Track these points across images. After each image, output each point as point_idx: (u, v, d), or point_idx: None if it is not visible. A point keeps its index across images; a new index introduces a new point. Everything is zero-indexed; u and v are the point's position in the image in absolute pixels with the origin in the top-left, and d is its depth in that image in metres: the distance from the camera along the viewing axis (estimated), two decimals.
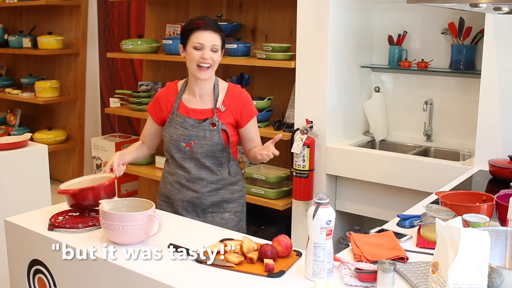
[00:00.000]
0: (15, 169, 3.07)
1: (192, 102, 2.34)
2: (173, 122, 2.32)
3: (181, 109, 2.33)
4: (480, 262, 1.29)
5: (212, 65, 2.26)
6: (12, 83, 5.93)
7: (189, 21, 2.30)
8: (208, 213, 2.38)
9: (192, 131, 2.29)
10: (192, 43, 2.23)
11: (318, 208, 1.54)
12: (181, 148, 2.31)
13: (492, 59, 2.82)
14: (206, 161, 2.32)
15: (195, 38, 2.22)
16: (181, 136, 2.30)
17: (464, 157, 3.02)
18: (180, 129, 2.30)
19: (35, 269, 1.95)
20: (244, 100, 2.37)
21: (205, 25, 2.22)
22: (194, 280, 1.57)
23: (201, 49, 2.23)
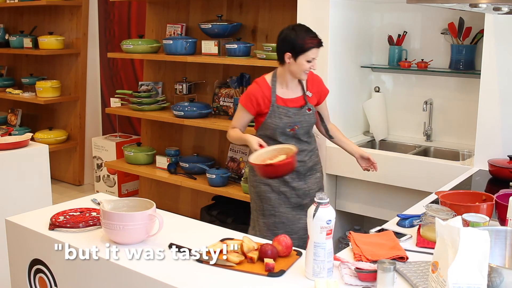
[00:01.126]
0: (16, 169, 3.07)
1: (286, 93, 2.72)
2: (276, 113, 2.69)
3: (279, 101, 2.70)
4: (479, 262, 1.29)
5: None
6: (13, 83, 5.94)
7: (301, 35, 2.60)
8: (307, 176, 2.81)
9: (295, 118, 2.70)
10: (308, 57, 2.60)
11: (318, 207, 1.55)
12: (286, 132, 2.72)
13: (492, 59, 2.83)
14: (304, 137, 2.78)
15: (311, 54, 2.61)
16: (287, 124, 2.70)
17: (464, 157, 3.03)
18: (284, 118, 2.69)
19: (36, 268, 1.96)
20: (320, 81, 2.84)
21: (318, 44, 2.62)
22: (195, 280, 1.58)
23: (311, 62, 2.62)
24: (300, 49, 2.59)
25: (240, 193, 3.79)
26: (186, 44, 4.11)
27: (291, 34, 2.61)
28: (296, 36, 2.60)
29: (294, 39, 2.60)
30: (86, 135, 5.57)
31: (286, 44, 2.62)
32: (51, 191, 3.26)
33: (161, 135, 4.77)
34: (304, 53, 2.59)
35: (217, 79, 4.37)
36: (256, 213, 2.85)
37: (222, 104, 4.25)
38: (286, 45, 2.62)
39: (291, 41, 2.60)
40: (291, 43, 2.60)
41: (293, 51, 2.60)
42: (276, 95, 2.70)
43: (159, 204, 2.02)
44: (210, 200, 4.28)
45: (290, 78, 2.70)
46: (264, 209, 2.80)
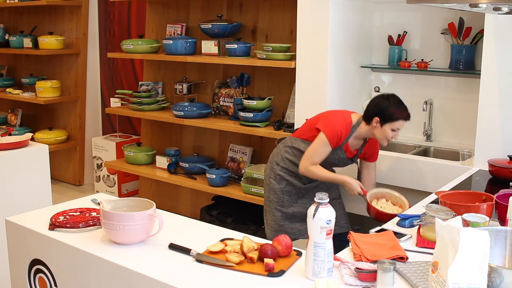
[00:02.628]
0: (16, 169, 3.07)
1: (352, 143, 2.87)
2: (335, 153, 2.85)
3: (345, 146, 2.85)
4: (479, 262, 1.29)
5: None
6: (13, 83, 5.94)
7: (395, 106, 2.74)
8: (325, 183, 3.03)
9: (339, 164, 2.94)
10: (393, 126, 2.73)
11: (318, 207, 1.55)
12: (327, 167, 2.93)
13: (491, 59, 2.83)
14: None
15: (398, 125, 2.73)
16: (332, 164, 2.93)
17: (464, 157, 3.02)
18: (336, 160, 2.89)
19: (36, 268, 1.96)
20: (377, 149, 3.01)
21: (408, 117, 2.75)
22: (194, 280, 1.58)
23: (395, 131, 2.76)
24: (389, 117, 2.72)
25: (240, 193, 3.79)
26: (186, 44, 4.11)
27: (384, 102, 2.75)
28: (388, 105, 2.74)
29: (387, 107, 2.73)
30: (86, 135, 5.57)
31: (377, 109, 2.75)
32: (51, 191, 3.26)
33: (161, 135, 4.77)
34: (392, 122, 2.72)
35: (217, 79, 4.37)
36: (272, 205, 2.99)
37: (222, 104, 4.25)
38: (377, 110, 2.75)
39: (383, 108, 2.74)
40: (382, 110, 2.74)
41: (382, 118, 2.73)
42: (347, 142, 2.85)
43: (159, 204, 2.03)
44: (210, 200, 4.28)
45: (363, 135, 2.84)
46: (284, 200, 2.97)
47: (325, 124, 2.81)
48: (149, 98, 4.42)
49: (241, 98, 3.91)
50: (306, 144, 2.89)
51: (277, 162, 2.98)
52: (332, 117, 2.85)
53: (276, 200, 2.98)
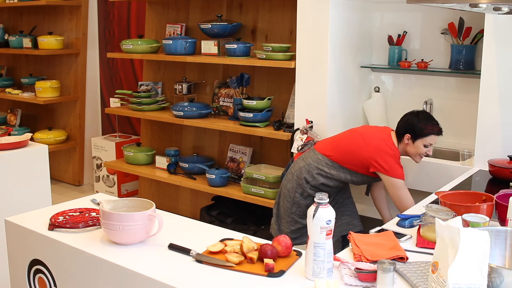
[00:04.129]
0: (15, 169, 3.07)
1: None
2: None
3: None
4: (479, 262, 1.29)
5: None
6: (13, 83, 5.94)
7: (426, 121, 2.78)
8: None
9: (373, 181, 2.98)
10: (425, 142, 2.76)
11: (318, 208, 1.55)
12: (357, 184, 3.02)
13: (491, 59, 2.83)
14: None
15: (430, 140, 2.75)
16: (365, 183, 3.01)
17: (464, 157, 3.02)
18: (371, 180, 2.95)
19: (36, 269, 1.96)
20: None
21: (439, 132, 2.78)
22: (194, 280, 1.58)
23: (428, 147, 2.77)
24: (420, 133, 2.75)
25: (240, 193, 3.79)
26: (185, 44, 4.11)
27: (414, 119, 2.78)
28: (418, 121, 2.77)
29: (417, 123, 2.76)
30: (86, 135, 5.57)
31: (408, 126, 2.78)
32: (50, 191, 3.26)
33: (160, 135, 4.77)
34: (423, 138, 2.75)
35: (217, 79, 4.37)
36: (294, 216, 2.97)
37: (222, 104, 4.25)
38: (408, 127, 2.78)
39: (413, 124, 2.77)
40: (413, 126, 2.77)
41: (413, 134, 2.76)
42: None
43: (159, 204, 2.04)
44: (209, 200, 4.28)
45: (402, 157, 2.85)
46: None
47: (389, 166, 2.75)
48: (148, 98, 4.42)
49: (241, 98, 3.91)
50: (347, 173, 2.85)
51: (308, 181, 2.89)
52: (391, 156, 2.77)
53: (299, 213, 2.93)
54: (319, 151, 2.92)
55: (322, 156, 2.89)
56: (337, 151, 2.86)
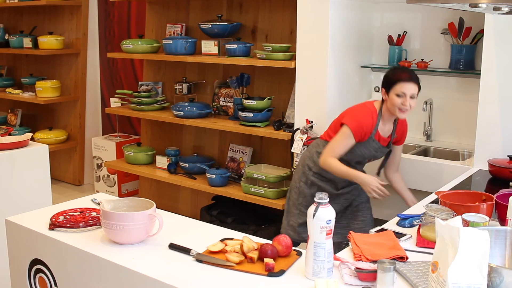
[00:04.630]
0: (16, 169, 3.07)
1: (383, 130, 2.78)
2: (369, 145, 2.75)
3: (376, 136, 2.75)
4: (479, 262, 1.29)
5: (409, 110, 2.67)
6: (13, 83, 5.94)
7: (393, 70, 2.71)
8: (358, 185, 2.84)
9: (378, 154, 2.82)
10: (396, 91, 2.63)
11: (318, 207, 1.55)
12: (363, 161, 2.86)
13: (491, 59, 2.83)
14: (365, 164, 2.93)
15: (399, 88, 2.62)
16: (370, 156, 2.81)
17: (464, 156, 3.02)
18: (372, 151, 2.78)
19: (36, 268, 1.96)
20: (406, 128, 2.90)
21: (409, 78, 2.63)
22: (194, 280, 1.58)
23: (403, 97, 2.62)
24: (390, 83, 2.67)
25: (240, 193, 3.79)
26: (186, 44, 4.11)
27: (388, 72, 2.73)
28: (390, 72, 2.71)
29: (387, 74, 2.71)
30: (86, 135, 5.57)
31: (383, 80, 2.73)
32: (51, 191, 3.26)
33: (161, 135, 4.77)
34: (393, 87, 2.65)
35: (217, 79, 4.37)
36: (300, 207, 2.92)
37: (222, 104, 4.25)
38: (383, 81, 2.72)
39: (385, 76, 2.71)
40: (385, 78, 2.71)
41: (386, 86, 2.69)
42: (377, 130, 2.75)
43: (159, 204, 2.03)
44: (210, 200, 4.28)
45: (388, 116, 2.74)
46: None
47: (350, 118, 2.72)
48: (149, 98, 4.42)
49: (241, 98, 3.91)
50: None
51: (310, 167, 2.88)
52: (356, 110, 2.77)
53: (305, 203, 2.89)
54: (320, 137, 2.96)
55: (319, 139, 2.93)
56: (327, 130, 2.89)
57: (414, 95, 2.64)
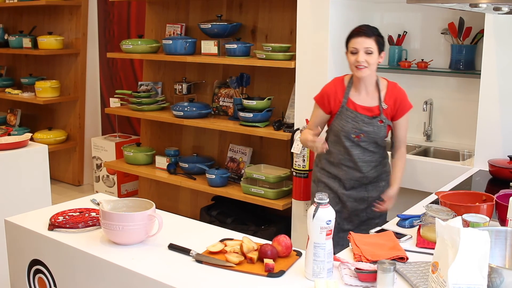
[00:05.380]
0: (15, 169, 3.07)
1: (359, 98, 2.60)
2: (343, 115, 2.59)
3: (349, 104, 2.59)
4: (480, 262, 1.29)
5: (368, 66, 2.50)
6: (12, 83, 5.94)
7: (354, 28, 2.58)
8: (369, 185, 2.70)
9: (363, 126, 2.58)
10: (349, 49, 2.54)
11: (318, 208, 1.54)
12: (351, 138, 2.61)
13: (492, 59, 2.82)
14: (370, 147, 2.63)
15: (351, 44, 2.52)
16: (353, 129, 2.59)
17: (464, 157, 3.02)
18: (351, 122, 2.58)
19: (35, 269, 1.96)
20: (401, 96, 2.63)
21: (358, 32, 2.51)
22: (194, 280, 1.57)
23: (356, 53, 2.50)
24: (346, 43, 2.57)
25: (240, 193, 3.79)
26: (185, 44, 4.11)
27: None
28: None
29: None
30: (86, 135, 5.57)
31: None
32: (50, 191, 3.25)
33: (160, 135, 4.77)
34: (347, 46, 2.55)
35: (217, 79, 4.37)
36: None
37: (222, 104, 4.25)
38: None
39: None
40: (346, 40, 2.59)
41: (346, 46, 2.58)
42: (348, 98, 2.60)
43: (159, 204, 2.03)
44: (209, 200, 4.28)
45: (358, 81, 2.58)
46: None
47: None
48: (148, 98, 4.42)
49: (241, 98, 3.91)
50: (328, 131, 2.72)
51: (316, 163, 2.81)
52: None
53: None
54: None
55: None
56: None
57: (369, 50, 2.49)
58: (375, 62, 2.52)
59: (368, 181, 2.69)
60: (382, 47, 2.55)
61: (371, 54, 2.49)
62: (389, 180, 2.71)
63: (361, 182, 2.69)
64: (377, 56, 2.52)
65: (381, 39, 2.54)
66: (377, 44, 2.52)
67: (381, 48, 2.54)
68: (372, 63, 2.51)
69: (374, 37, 2.51)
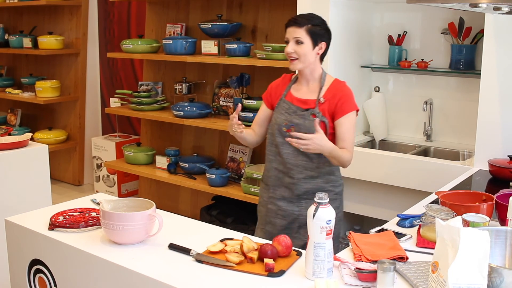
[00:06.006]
0: (15, 169, 3.07)
1: (299, 91, 2.44)
2: (280, 107, 2.44)
3: (288, 97, 2.44)
4: (480, 262, 1.29)
5: (298, 58, 2.33)
6: (13, 83, 5.94)
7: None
8: (302, 200, 2.42)
9: (294, 118, 2.38)
10: (284, 39, 2.37)
11: (318, 208, 1.55)
12: (282, 132, 2.40)
13: (492, 59, 2.82)
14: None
15: (287, 34, 2.35)
16: (284, 120, 2.40)
17: (464, 157, 3.02)
18: (284, 114, 2.41)
19: (36, 268, 1.96)
20: (343, 93, 2.37)
21: (289, 22, 2.35)
22: (194, 280, 1.58)
23: (288, 44, 2.34)
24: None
25: (240, 193, 3.79)
26: (186, 44, 4.11)
27: None
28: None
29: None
30: (86, 135, 5.57)
31: None
32: (50, 191, 3.26)
33: (160, 135, 4.77)
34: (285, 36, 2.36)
35: (217, 79, 4.37)
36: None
37: (222, 104, 4.25)
38: None
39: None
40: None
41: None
42: (289, 91, 2.45)
43: (159, 204, 2.03)
44: (210, 200, 4.28)
45: (303, 77, 2.42)
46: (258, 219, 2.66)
47: None
48: (148, 98, 4.42)
49: (241, 98, 3.91)
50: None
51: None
52: None
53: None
54: None
55: None
56: None
57: (299, 40, 2.30)
58: (306, 53, 2.30)
59: (301, 193, 2.40)
60: (318, 38, 2.32)
61: (302, 44, 2.30)
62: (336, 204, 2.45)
63: (291, 191, 2.41)
64: (310, 47, 2.31)
65: (317, 29, 2.32)
66: (310, 34, 2.30)
67: (317, 39, 2.31)
68: (303, 54, 2.30)
69: (306, 26, 2.30)
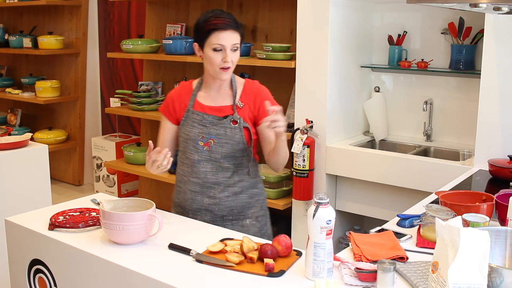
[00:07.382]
0: (15, 169, 3.07)
1: (208, 99, 2.17)
2: (189, 120, 2.16)
3: (196, 106, 2.16)
4: (480, 262, 1.29)
5: (232, 66, 2.10)
6: (13, 83, 5.94)
7: (204, 17, 2.09)
8: (227, 221, 2.18)
9: (211, 129, 2.12)
10: (212, 45, 2.05)
11: (318, 207, 1.54)
12: (199, 148, 2.13)
13: (492, 59, 2.82)
14: (225, 162, 2.13)
15: (215, 39, 2.04)
16: (200, 134, 2.13)
17: (464, 157, 3.02)
18: (198, 127, 2.14)
19: (36, 268, 1.96)
20: (262, 94, 2.19)
21: (225, 25, 2.04)
22: (194, 280, 1.58)
23: (221, 50, 2.05)
24: (203, 35, 2.06)
25: None
26: (186, 44, 4.11)
27: (199, 19, 2.09)
28: (201, 19, 2.08)
29: (198, 22, 2.09)
30: (86, 135, 5.57)
31: (194, 32, 2.12)
32: (50, 191, 3.26)
33: None
34: (207, 39, 2.04)
35: None
36: None
37: None
38: (194, 34, 2.12)
39: (196, 26, 2.09)
40: (196, 29, 2.09)
41: (198, 39, 2.09)
42: (196, 99, 2.18)
43: (159, 204, 2.02)
44: None
45: (213, 81, 2.14)
46: None
47: None
48: (149, 98, 4.42)
49: None
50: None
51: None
52: None
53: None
54: None
55: None
56: None
57: (236, 46, 2.07)
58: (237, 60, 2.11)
59: (224, 213, 2.17)
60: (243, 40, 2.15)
61: (236, 51, 2.09)
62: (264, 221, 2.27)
63: (213, 213, 2.17)
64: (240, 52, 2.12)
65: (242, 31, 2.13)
66: (241, 38, 2.11)
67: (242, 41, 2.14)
68: (236, 61, 2.09)
69: (240, 29, 2.09)
